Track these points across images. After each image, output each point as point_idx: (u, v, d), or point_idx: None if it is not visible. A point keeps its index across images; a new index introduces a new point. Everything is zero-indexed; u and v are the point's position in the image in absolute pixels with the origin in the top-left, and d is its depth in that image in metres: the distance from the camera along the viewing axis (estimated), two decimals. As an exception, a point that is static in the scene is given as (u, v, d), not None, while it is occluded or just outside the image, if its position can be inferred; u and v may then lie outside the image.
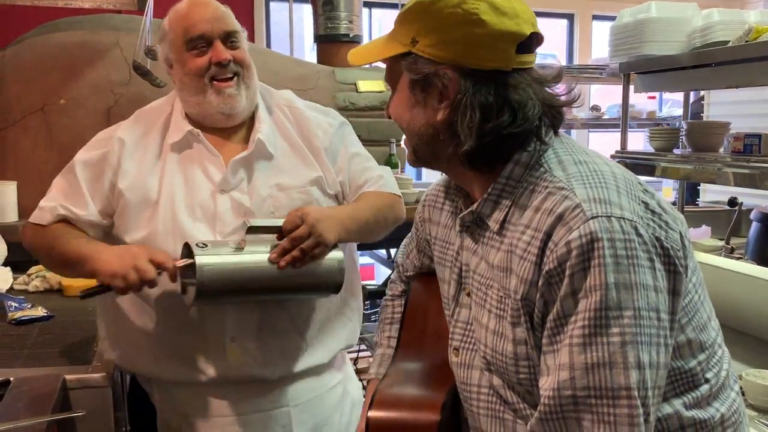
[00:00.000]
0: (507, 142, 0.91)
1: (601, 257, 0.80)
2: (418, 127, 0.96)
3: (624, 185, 0.87)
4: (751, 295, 1.54)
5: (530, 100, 0.90)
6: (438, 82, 0.91)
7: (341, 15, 3.55)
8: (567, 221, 0.83)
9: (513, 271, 0.90)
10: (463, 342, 1.03)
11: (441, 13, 0.90)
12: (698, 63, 1.98)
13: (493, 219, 0.95)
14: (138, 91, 2.76)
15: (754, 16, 1.98)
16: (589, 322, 0.80)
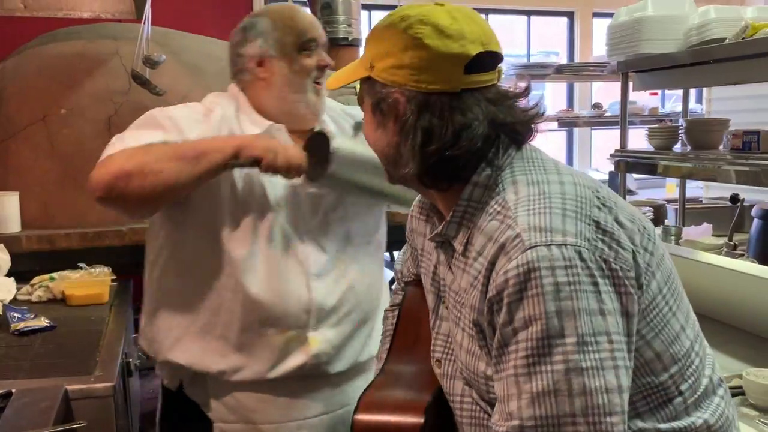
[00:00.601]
0: (450, 165, 0.92)
1: (539, 286, 0.80)
2: (381, 147, 0.99)
3: (573, 206, 0.86)
4: (751, 294, 1.54)
5: (476, 121, 0.90)
6: (391, 106, 0.94)
7: (340, 18, 3.57)
8: (507, 251, 0.84)
9: (470, 295, 0.91)
10: (444, 354, 1.05)
11: (392, 39, 0.93)
12: (696, 60, 1.98)
13: (458, 241, 0.96)
14: (138, 100, 2.77)
15: (750, 12, 1.97)
16: (532, 351, 0.80)
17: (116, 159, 1.33)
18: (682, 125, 2.25)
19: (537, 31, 5.64)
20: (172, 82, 2.85)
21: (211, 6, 4.19)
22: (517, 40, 5.59)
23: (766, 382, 1.33)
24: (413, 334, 1.18)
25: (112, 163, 1.33)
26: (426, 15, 0.92)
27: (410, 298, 1.24)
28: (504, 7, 5.31)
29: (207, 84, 2.96)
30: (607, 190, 0.94)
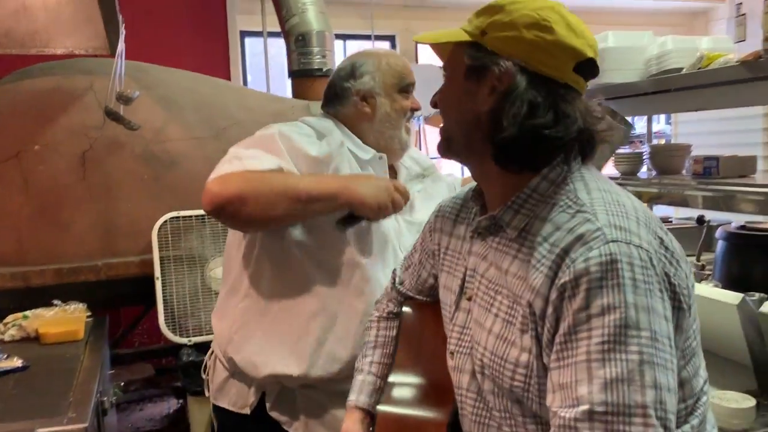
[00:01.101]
0: (542, 145, 0.95)
1: (621, 278, 0.82)
2: (462, 113, 1.01)
3: (644, 219, 0.91)
4: (714, 317, 1.58)
5: (574, 115, 0.95)
6: (495, 73, 0.96)
7: (314, 50, 3.61)
8: (587, 241, 0.86)
9: (526, 279, 0.92)
10: (458, 346, 1.06)
11: (517, 13, 0.96)
12: (656, 89, 2.05)
13: (512, 226, 0.98)
14: (113, 135, 2.78)
15: (705, 43, 2.05)
16: (609, 338, 0.81)
17: (235, 180, 1.39)
18: (646, 151, 2.31)
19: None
20: (148, 116, 2.88)
21: (187, 40, 4.23)
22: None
23: (729, 404, 1.36)
24: (415, 350, 1.20)
25: (230, 182, 1.38)
26: (555, 5, 0.98)
27: (408, 317, 1.26)
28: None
29: (183, 117, 2.99)
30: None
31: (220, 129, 3.02)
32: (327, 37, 3.66)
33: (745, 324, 1.45)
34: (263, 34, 4.27)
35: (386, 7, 5.01)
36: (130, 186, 2.77)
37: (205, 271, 2.72)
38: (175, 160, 2.88)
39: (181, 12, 4.27)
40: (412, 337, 1.23)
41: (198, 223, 2.72)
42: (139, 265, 2.68)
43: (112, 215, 2.73)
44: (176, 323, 2.69)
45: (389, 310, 1.32)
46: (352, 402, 1.24)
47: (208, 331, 2.71)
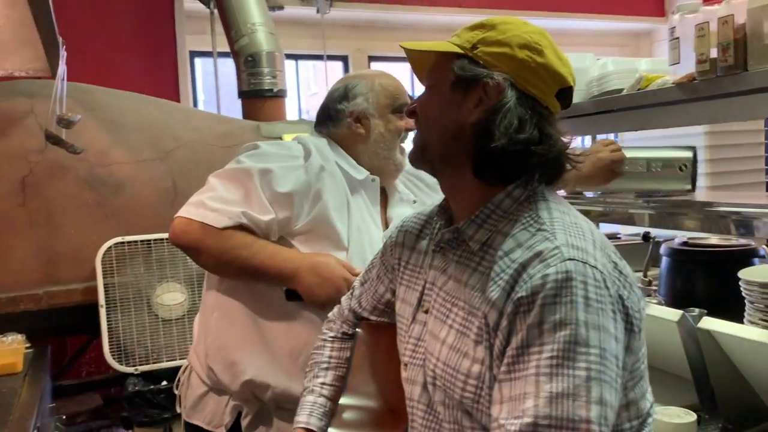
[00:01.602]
0: (524, 160, 0.97)
1: (574, 295, 0.84)
2: (444, 123, 1.02)
3: (600, 243, 0.94)
4: (656, 334, 1.61)
5: (555, 135, 0.99)
6: (483, 86, 0.98)
7: (264, 71, 3.60)
8: (545, 258, 0.88)
9: (483, 292, 0.93)
10: (412, 358, 1.07)
11: (510, 32, 1.00)
12: (598, 110, 2.09)
13: (474, 240, 1.00)
14: (55, 159, 2.71)
15: (644, 64, 2.10)
16: (558, 354, 0.83)
17: (194, 230, 1.45)
18: (591, 170, 2.35)
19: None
20: (92, 138, 2.81)
21: (135, 61, 4.16)
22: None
23: (672, 420, 1.38)
24: (368, 373, 1.20)
25: (190, 231, 1.45)
26: (544, 32, 1.03)
27: (363, 339, 1.25)
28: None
29: (127, 139, 2.93)
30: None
31: (167, 151, 2.97)
32: (277, 57, 3.66)
33: (685, 340, 1.48)
34: (213, 54, 4.23)
35: (338, 28, 5.03)
36: (73, 211, 2.70)
37: (152, 297, 2.65)
38: (121, 184, 2.81)
39: (129, 33, 4.20)
40: (366, 359, 1.22)
41: (144, 248, 2.66)
42: (83, 292, 2.61)
43: (54, 242, 2.65)
44: (122, 352, 2.61)
45: (343, 331, 1.31)
46: (302, 424, 1.21)
47: (156, 359, 2.64)
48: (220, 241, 1.44)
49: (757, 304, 1.60)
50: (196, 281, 2.68)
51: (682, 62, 1.71)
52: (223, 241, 1.44)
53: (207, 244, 1.45)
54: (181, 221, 1.47)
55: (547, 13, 5.32)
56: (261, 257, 1.45)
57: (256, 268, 1.45)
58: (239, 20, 3.62)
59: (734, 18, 1.50)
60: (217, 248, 1.45)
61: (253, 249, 1.45)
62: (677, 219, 1.81)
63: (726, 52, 1.53)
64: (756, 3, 1.47)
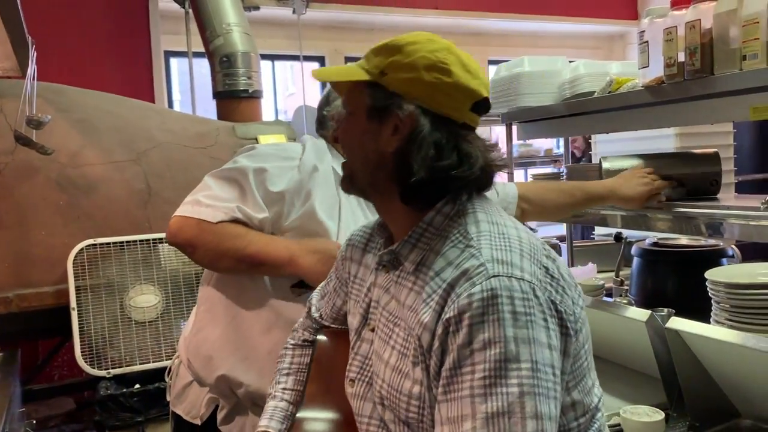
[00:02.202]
0: (448, 185, 0.98)
1: (501, 312, 0.84)
2: (365, 152, 1.02)
3: (528, 249, 0.93)
4: (627, 334, 1.63)
5: (475, 153, 0.98)
6: (397, 114, 0.97)
7: (239, 71, 3.58)
8: (471, 276, 0.88)
9: (417, 313, 0.93)
10: (359, 374, 1.07)
11: (415, 54, 0.98)
12: (570, 112, 2.11)
13: (410, 260, 1.00)
14: (25, 159, 2.67)
15: (615, 67, 2.13)
16: (490, 373, 0.83)
17: (189, 227, 1.45)
18: (563, 171, 2.38)
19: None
20: (63, 139, 2.78)
21: (109, 61, 4.12)
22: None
23: (640, 419, 1.40)
24: (325, 384, 1.19)
25: (185, 228, 1.46)
26: (449, 46, 1.00)
27: (323, 345, 1.25)
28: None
29: (99, 140, 2.90)
30: (551, 251, 1.00)
31: (141, 152, 2.94)
32: (253, 58, 3.64)
33: (654, 339, 1.50)
34: (188, 54, 4.20)
35: (315, 29, 5.03)
36: (44, 213, 2.66)
37: (125, 300, 2.62)
38: (93, 185, 2.78)
39: (103, 33, 4.16)
40: (325, 366, 1.23)
41: (117, 250, 2.63)
42: (54, 295, 2.57)
43: (25, 244, 2.61)
44: (95, 355, 2.58)
45: (304, 338, 1.32)
46: (263, 427, 1.23)
47: (129, 362, 2.62)
48: (215, 234, 1.45)
49: (723, 304, 1.63)
50: (171, 283, 2.66)
51: (651, 66, 1.73)
52: (219, 233, 1.45)
53: (202, 239, 1.46)
54: (177, 220, 1.48)
55: (522, 16, 5.37)
56: (257, 245, 1.46)
57: (252, 257, 1.46)
58: (214, 20, 3.60)
59: (701, 23, 1.53)
60: (212, 241, 1.45)
61: (247, 238, 1.46)
62: (648, 220, 1.83)
63: (693, 56, 1.56)
64: (722, 8, 1.50)
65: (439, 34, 1.03)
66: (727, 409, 1.47)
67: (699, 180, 1.81)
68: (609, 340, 1.72)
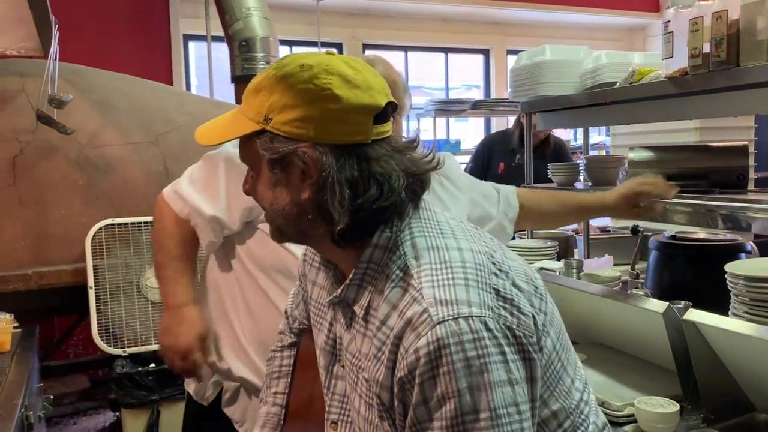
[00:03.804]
0: (377, 217, 0.89)
1: (450, 363, 0.78)
2: (282, 206, 0.92)
3: (473, 274, 0.86)
4: (642, 325, 1.63)
5: (393, 171, 0.89)
6: (298, 161, 0.88)
7: (258, 56, 3.58)
8: (416, 326, 0.82)
9: (373, 369, 0.88)
10: (341, 415, 1.01)
11: (293, 89, 0.87)
12: (591, 102, 2.10)
13: (358, 305, 0.92)
14: (46, 139, 2.69)
15: (638, 58, 2.12)
16: (448, 430, 0.79)
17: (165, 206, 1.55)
18: (582, 162, 2.37)
19: (458, 64, 5.83)
20: (83, 119, 2.80)
21: (129, 43, 4.14)
22: (436, 75, 5.76)
23: (654, 409, 1.39)
24: (308, 392, 1.16)
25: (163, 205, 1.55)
26: (329, 64, 0.88)
27: (304, 350, 1.21)
28: (423, 45, 5.47)
29: (118, 121, 2.91)
30: (501, 252, 0.94)
31: (159, 134, 2.95)
32: (271, 42, 3.64)
33: (670, 331, 1.49)
34: (207, 38, 4.21)
35: (333, 15, 5.01)
36: (63, 192, 2.69)
37: (142, 280, 2.65)
38: (111, 166, 2.80)
39: (123, 15, 4.17)
40: (308, 371, 1.18)
41: (134, 230, 2.66)
42: (72, 273, 2.60)
43: (44, 222, 2.63)
44: (111, 334, 2.61)
45: (291, 341, 1.27)
46: None
47: (144, 341, 2.64)
48: (159, 240, 1.56)
49: (741, 297, 1.62)
50: (186, 265, 2.68)
51: (675, 56, 1.72)
52: (161, 239, 1.55)
53: (155, 237, 1.57)
54: (162, 201, 1.56)
55: (542, 6, 5.32)
56: (162, 273, 1.56)
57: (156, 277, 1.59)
58: (234, 4, 3.60)
59: (728, 13, 1.52)
60: (156, 243, 1.57)
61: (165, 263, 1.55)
62: (667, 213, 1.82)
63: (719, 47, 1.54)
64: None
65: (457, 24, 0.93)
66: (742, 403, 1.46)
67: (725, 173, 1.79)
68: (625, 331, 1.71)
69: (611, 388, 1.55)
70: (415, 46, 5.46)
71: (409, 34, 5.31)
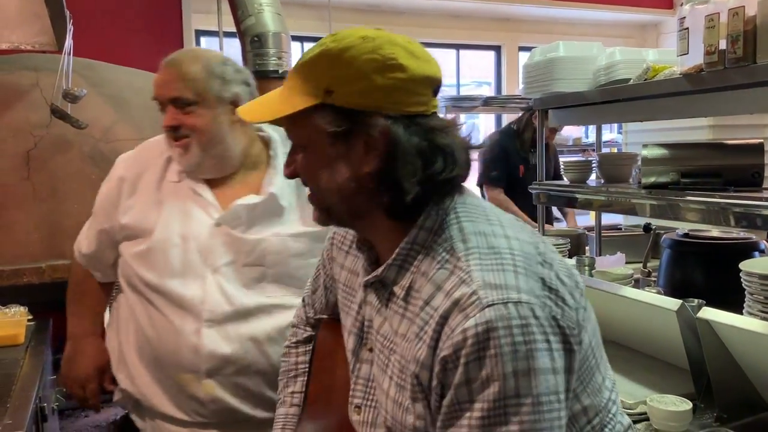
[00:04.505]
0: (442, 190, 0.89)
1: (498, 347, 0.79)
2: (339, 182, 0.91)
3: (522, 262, 0.85)
4: (655, 323, 1.62)
5: (454, 143, 0.89)
6: (364, 132, 0.87)
7: (270, 51, 3.58)
8: (464, 307, 0.82)
9: (412, 348, 0.88)
10: (365, 399, 1.00)
11: (357, 61, 0.86)
12: (604, 99, 2.09)
13: (399, 285, 0.92)
14: (59, 133, 2.71)
15: (652, 54, 2.10)
16: (489, 413, 0.79)
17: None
18: (595, 159, 2.36)
19: (469, 61, 5.82)
20: (96, 114, 2.81)
21: (141, 38, 4.15)
22: (447, 72, 5.75)
23: (667, 408, 1.39)
24: (328, 382, 1.15)
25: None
26: (390, 36, 0.89)
27: (322, 341, 1.20)
28: (434, 41, 5.46)
29: (131, 116, 2.93)
30: (544, 245, 0.93)
31: (172, 129, 2.96)
32: (283, 38, 3.64)
33: (684, 329, 1.49)
34: (219, 34, 4.22)
35: (344, 10, 5.01)
36: (77, 186, 2.70)
37: (154, 274, 2.66)
38: (125, 161, 2.81)
39: (136, 10, 4.18)
40: (324, 361, 1.18)
41: (147, 224, 2.67)
42: (85, 267, 2.61)
43: (58, 216, 2.65)
44: (123, 327, 2.62)
45: (307, 336, 1.26)
46: None
47: (157, 335, 2.66)
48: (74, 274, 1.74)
49: (756, 295, 1.62)
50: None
51: (690, 53, 1.71)
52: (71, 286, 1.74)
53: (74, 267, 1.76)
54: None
55: (554, 2, 5.29)
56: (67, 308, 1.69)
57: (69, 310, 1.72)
58: (246, 0, 3.61)
59: (745, 10, 1.50)
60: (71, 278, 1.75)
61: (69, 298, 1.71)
62: (680, 210, 1.81)
63: (735, 43, 1.53)
64: (767, -5, 1.47)
65: (468, 20, 0.94)
66: (756, 402, 1.46)
67: (739, 171, 1.77)
68: (638, 329, 1.71)
69: (624, 386, 1.55)
70: (426, 42, 5.40)
71: (420, 30, 5.29)
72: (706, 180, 1.79)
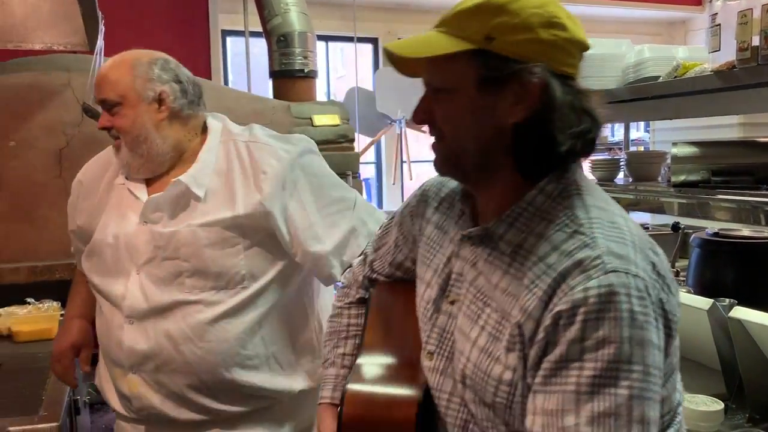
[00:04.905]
0: (584, 149, 0.91)
1: (619, 311, 0.80)
2: (480, 129, 0.91)
3: (639, 243, 0.87)
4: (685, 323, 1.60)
5: (597, 111, 0.91)
6: (519, 82, 0.88)
7: (296, 51, 3.61)
8: (587, 268, 0.83)
9: (517, 299, 0.88)
10: (439, 348, 1.02)
11: (524, 12, 0.88)
12: (633, 97, 2.07)
13: (505, 240, 0.92)
14: (90, 132, 2.75)
15: (682, 52, 2.08)
16: (601, 373, 0.80)
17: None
18: (623, 157, 2.34)
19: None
20: (126, 113, 2.85)
21: (168, 38, 4.20)
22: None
23: (698, 408, 1.38)
24: (384, 330, 1.15)
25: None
26: (554, 0, 0.92)
27: (376, 298, 1.20)
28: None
29: (161, 116, 2.96)
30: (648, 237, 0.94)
31: (200, 128, 3.00)
32: (309, 38, 3.67)
33: (715, 329, 1.47)
34: (245, 33, 4.26)
35: (369, 10, 5.02)
36: (107, 184, 2.75)
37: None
38: (154, 159, 2.85)
39: (163, 10, 4.24)
40: (381, 314, 1.18)
41: (176, 222, 2.70)
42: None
43: (89, 213, 2.70)
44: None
45: (359, 296, 1.24)
46: (327, 399, 1.17)
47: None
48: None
49: (789, 295, 1.59)
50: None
51: (722, 50, 1.69)
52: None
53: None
54: None
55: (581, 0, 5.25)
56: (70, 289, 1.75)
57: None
58: (273, 0, 3.64)
59: (779, 5, 1.49)
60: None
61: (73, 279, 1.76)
62: (710, 209, 1.79)
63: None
64: (802, -10, 1.45)
65: None
66: (789, 403, 1.44)
67: None
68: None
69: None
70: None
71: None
72: (737, 178, 1.77)
